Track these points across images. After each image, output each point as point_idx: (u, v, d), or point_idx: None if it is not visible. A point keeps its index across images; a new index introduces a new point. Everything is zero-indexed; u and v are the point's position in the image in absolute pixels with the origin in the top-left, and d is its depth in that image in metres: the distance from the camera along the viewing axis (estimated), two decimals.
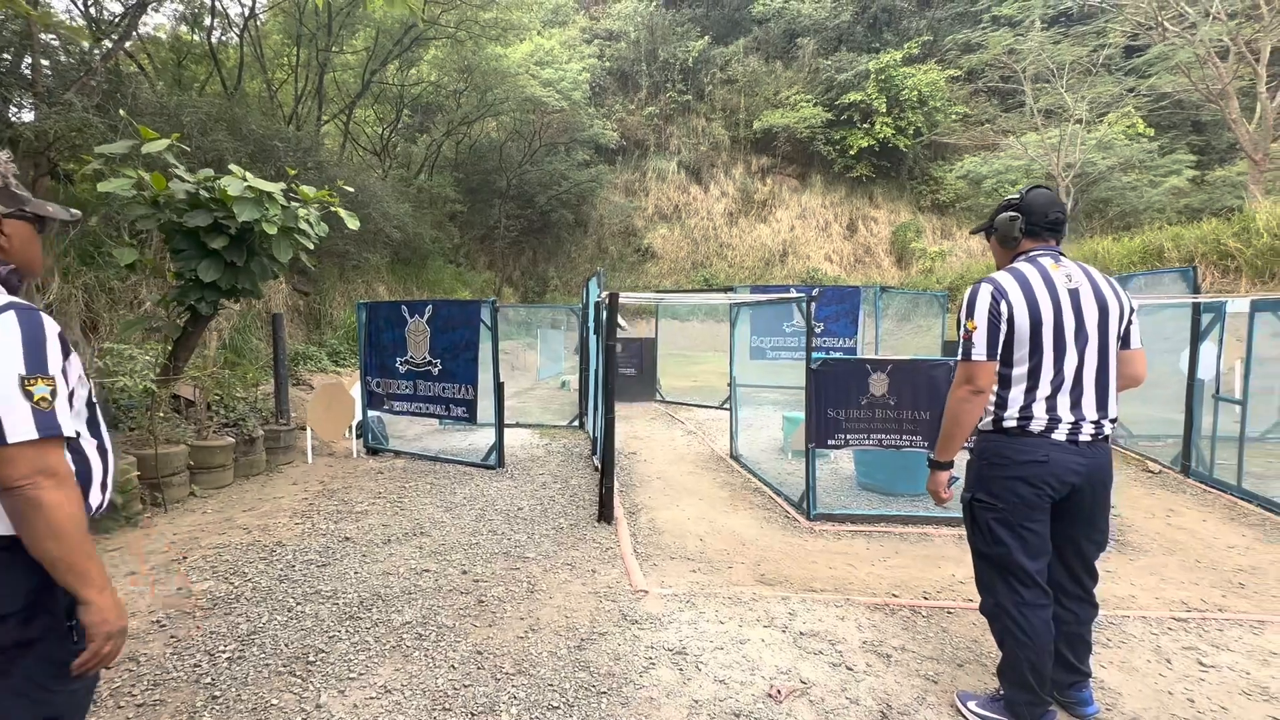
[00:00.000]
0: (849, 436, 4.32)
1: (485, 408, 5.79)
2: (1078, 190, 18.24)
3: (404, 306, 6.06)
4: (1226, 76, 12.85)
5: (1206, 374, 5.39)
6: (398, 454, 6.17)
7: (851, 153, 24.20)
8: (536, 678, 2.41)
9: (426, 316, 5.87)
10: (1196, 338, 5.35)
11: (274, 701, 2.25)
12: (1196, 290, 5.54)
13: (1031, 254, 2.09)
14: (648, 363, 10.05)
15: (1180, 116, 19.68)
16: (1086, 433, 2.02)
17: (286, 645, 2.62)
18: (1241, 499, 4.77)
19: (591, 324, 6.44)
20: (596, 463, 5.41)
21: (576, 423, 7.75)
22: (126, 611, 1.37)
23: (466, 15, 14.64)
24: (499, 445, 5.67)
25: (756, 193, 26.19)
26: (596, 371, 5.96)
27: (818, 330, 8.56)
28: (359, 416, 6.26)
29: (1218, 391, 5.31)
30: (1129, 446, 6.30)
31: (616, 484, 5.18)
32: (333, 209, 5.32)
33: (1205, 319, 5.36)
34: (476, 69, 16.71)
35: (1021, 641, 2.04)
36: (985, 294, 2.02)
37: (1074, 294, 2.01)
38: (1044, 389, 2.01)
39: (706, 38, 26.83)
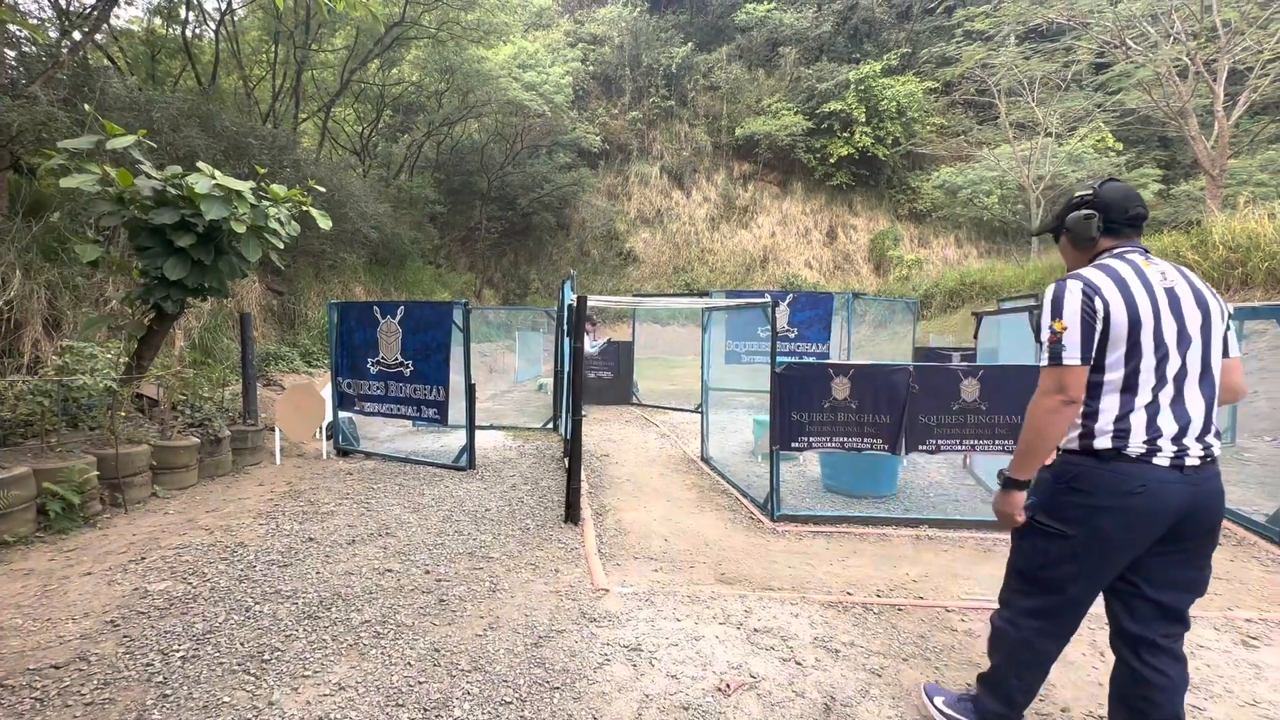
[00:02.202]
0: (812, 439, 4.41)
1: (458, 409, 5.80)
2: (1048, 202, 18.72)
3: (376, 307, 6.05)
4: (1186, 95, 13.31)
5: None
6: (368, 455, 6.15)
7: (832, 161, 24.57)
8: (492, 674, 2.44)
9: (398, 317, 5.87)
10: None
11: (226, 699, 2.25)
12: None
13: (1116, 251, 1.85)
14: (625, 366, 10.11)
15: (1147, 132, 20.30)
16: (1194, 454, 1.73)
17: (242, 644, 2.62)
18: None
19: (564, 326, 6.48)
20: (566, 464, 5.45)
21: (551, 425, 7.77)
22: None
23: (448, 16, 14.64)
24: (469, 447, 5.68)
25: (738, 199, 26.45)
26: (567, 373, 6.01)
27: (792, 335, 8.69)
28: (329, 417, 6.23)
29: None
30: None
31: (587, 486, 5.23)
32: (305, 208, 5.30)
33: None
34: (458, 70, 16.69)
35: (1023, 662, 1.93)
36: (1075, 290, 1.76)
37: (1171, 293, 1.76)
38: (1143, 397, 1.73)
39: (690, 44, 27.07)
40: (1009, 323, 5.81)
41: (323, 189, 6.19)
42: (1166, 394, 1.74)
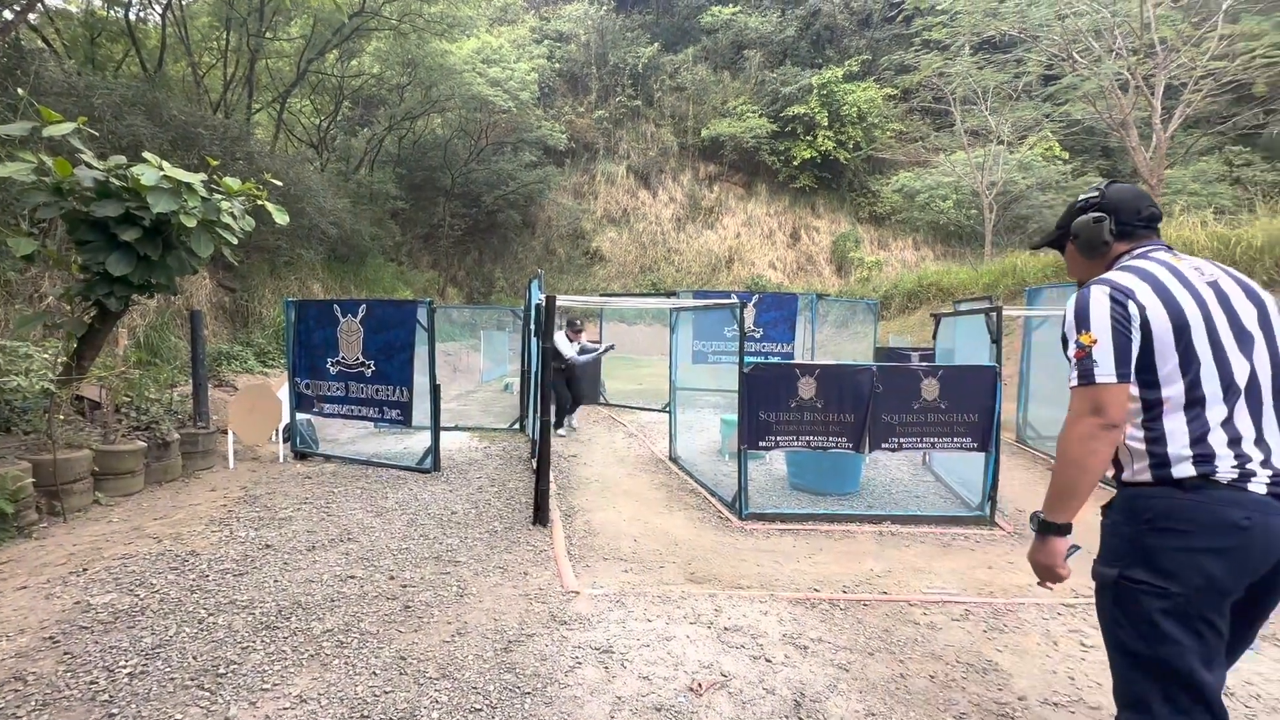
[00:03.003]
0: (779, 438, 4.48)
1: (422, 410, 5.67)
2: (1000, 207, 19.44)
3: (336, 305, 5.87)
4: (1127, 107, 14.00)
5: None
6: (328, 458, 5.97)
7: (795, 163, 24.97)
8: (460, 681, 2.40)
9: (360, 316, 5.71)
10: None
11: (179, 716, 2.15)
12: None
13: (1139, 252, 1.62)
14: (592, 365, 10.05)
15: (1091, 142, 21.28)
16: None
17: (195, 658, 2.50)
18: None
19: (532, 326, 6.41)
20: (534, 465, 5.39)
21: (517, 426, 7.69)
22: None
23: (410, 8, 14.32)
24: (434, 448, 5.57)
25: (704, 199, 26.65)
26: (535, 373, 5.95)
27: (757, 335, 8.80)
28: (286, 419, 6.02)
29: None
30: (1037, 447, 6.77)
31: (554, 486, 5.19)
32: (260, 202, 5.11)
33: None
34: (421, 64, 16.36)
35: None
36: (1101, 296, 1.51)
37: (1216, 288, 1.51)
38: (1216, 412, 1.45)
39: (656, 45, 27.13)
40: (965, 323, 6.01)
41: (279, 183, 5.96)
42: (1244, 408, 1.45)
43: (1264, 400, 1.46)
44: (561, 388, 7.16)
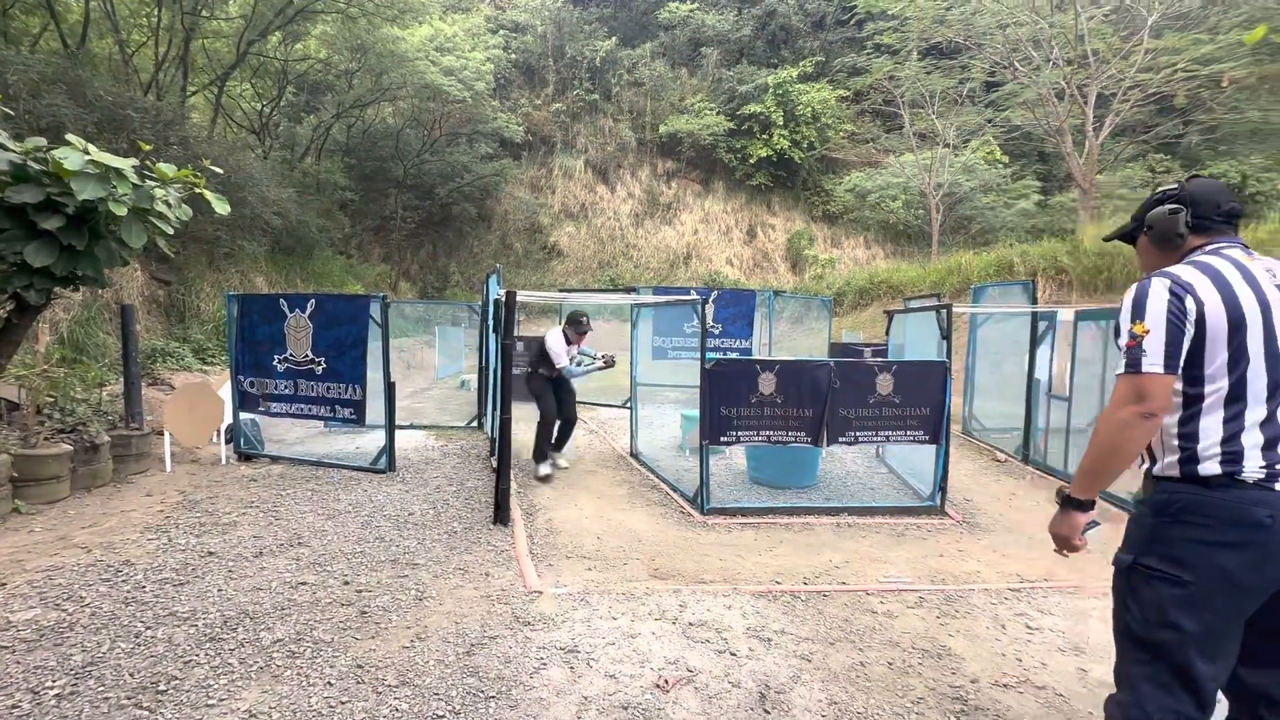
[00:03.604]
0: (740, 433, 4.53)
1: (376, 409, 5.49)
2: (946, 208, 20.19)
3: (283, 300, 5.62)
4: (1063, 115, 14.75)
5: (1042, 374, 6.17)
6: (275, 459, 5.71)
7: (751, 161, 25.28)
8: (421, 688, 2.33)
9: (309, 311, 5.47)
10: (1034, 342, 6.11)
11: None
12: (1034, 301, 6.32)
13: (1211, 248, 1.61)
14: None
15: (1029, 147, 22.30)
16: None
17: (132, 675, 2.35)
18: (1067, 483, 5.50)
19: (491, 322, 6.29)
20: (494, 464, 5.30)
21: (475, 423, 7.54)
22: None
23: None
24: (389, 448, 5.40)
25: (662, 195, 26.70)
26: (495, 370, 5.84)
27: (716, 331, 8.88)
28: (229, 419, 5.73)
29: (1050, 390, 6.09)
30: (981, 438, 7.07)
31: (514, 485, 5.10)
32: (197, 190, 4.82)
33: (1041, 326, 6.13)
34: (371, 50, 15.78)
35: None
36: (1160, 289, 1.52)
37: None
38: (1256, 413, 1.48)
39: (614, 39, 26.98)
40: (915, 320, 6.22)
41: (218, 170, 5.65)
42: None
43: None
44: (548, 399, 5.47)
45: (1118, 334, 1.59)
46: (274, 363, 5.61)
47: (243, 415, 5.79)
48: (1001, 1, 14.98)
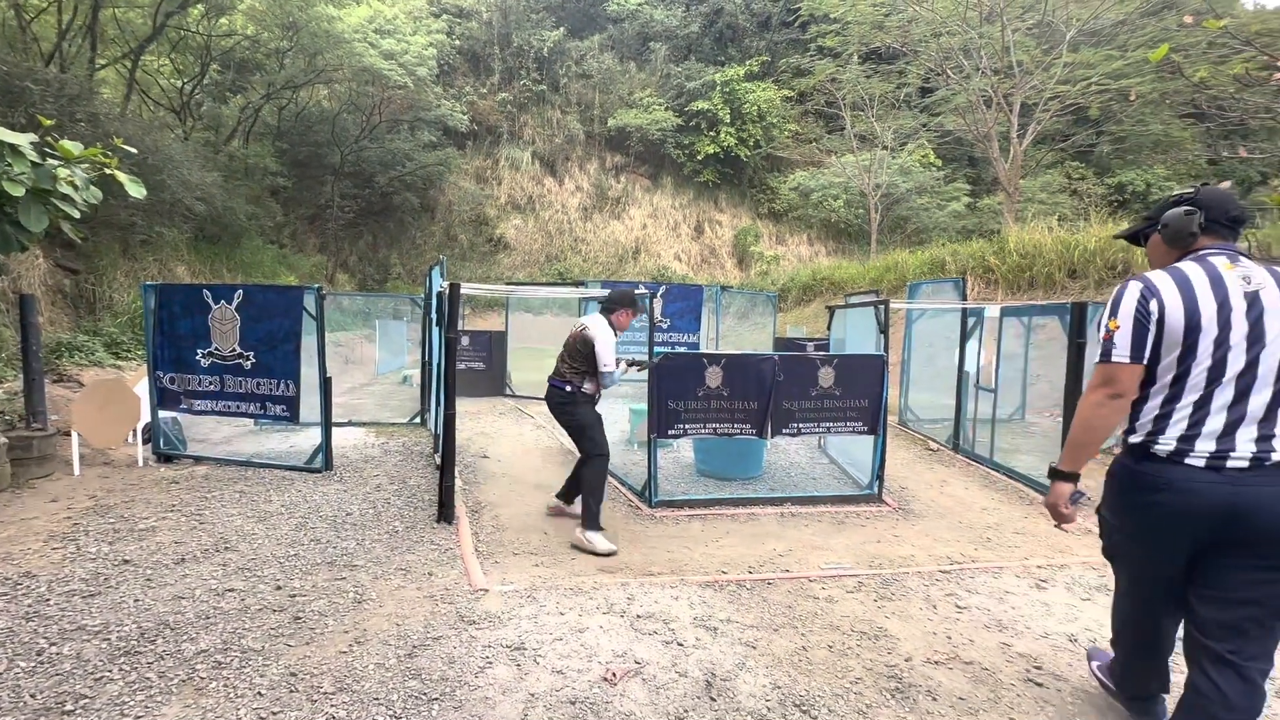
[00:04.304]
0: (687, 426, 4.57)
1: (311, 405, 5.25)
2: (884, 208, 20.98)
3: (206, 291, 5.29)
4: (990, 122, 15.56)
5: (971, 367, 6.51)
6: (199, 460, 5.38)
7: (699, 158, 25.51)
8: (360, 693, 2.25)
9: (236, 303, 5.17)
10: (964, 337, 6.43)
11: None
12: (964, 298, 6.65)
13: (1200, 253, 1.83)
14: (497, 356, 9.78)
15: (960, 151, 23.43)
16: (1242, 455, 1.70)
17: (33, 696, 2.17)
18: (993, 470, 5.83)
19: (434, 315, 6.11)
20: (438, 460, 5.16)
21: (418, 420, 7.33)
22: None
23: None
24: (325, 446, 5.18)
25: (610, 189, 26.61)
26: (438, 365, 5.68)
27: (664, 326, 8.94)
28: (146, 418, 5.35)
29: (978, 382, 6.43)
30: (916, 428, 7.41)
31: (460, 482, 4.99)
32: (108, 171, 4.46)
33: (970, 322, 6.46)
34: (304, 28, 15.00)
35: (1120, 632, 2.07)
36: (1133, 290, 1.80)
37: (1251, 297, 1.72)
38: (1190, 398, 1.74)
39: (562, 29, 26.63)
40: (855, 315, 6.44)
41: (132, 150, 5.25)
42: (1222, 396, 1.72)
43: (1251, 396, 1.71)
44: (601, 428, 4.01)
45: (1100, 328, 1.87)
46: (197, 358, 5.27)
47: (162, 414, 5.42)
48: (935, 10, 15.64)
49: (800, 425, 4.73)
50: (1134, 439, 1.84)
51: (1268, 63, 3.08)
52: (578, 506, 4.07)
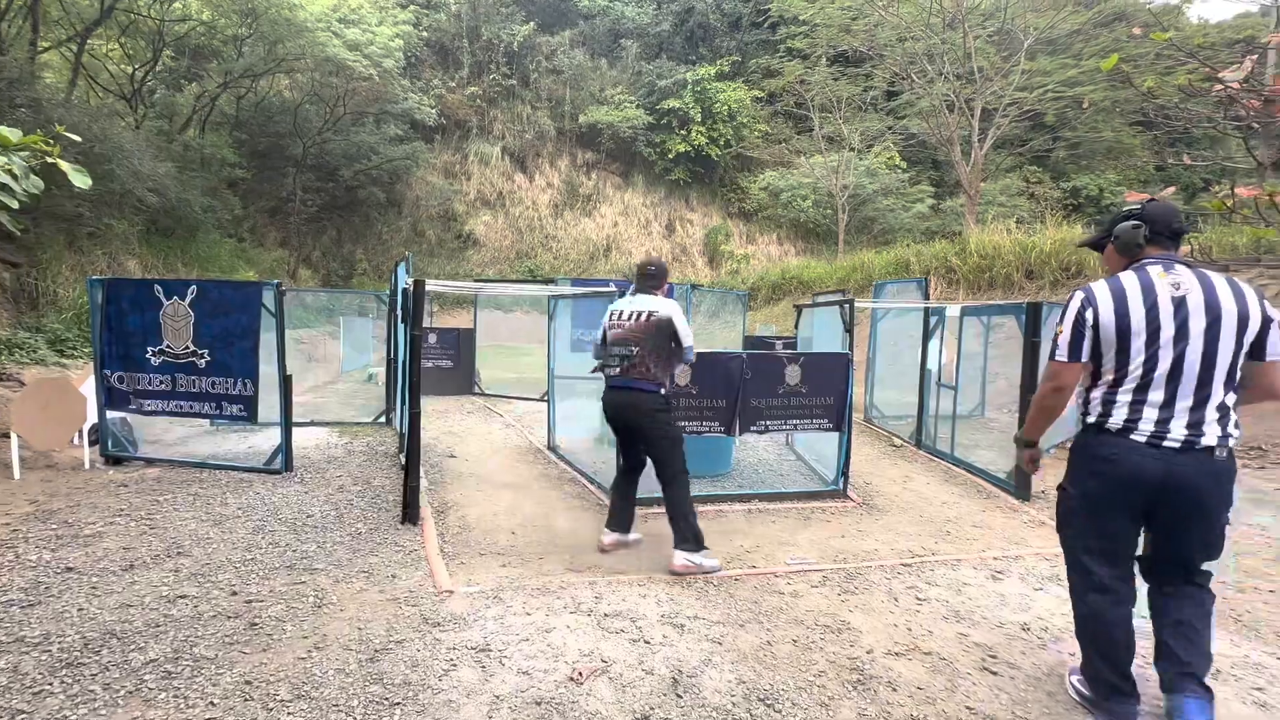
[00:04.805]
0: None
1: (271, 404, 5.10)
2: (851, 208, 21.35)
3: (158, 285, 5.08)
4: (952, 125, 15.96)
5: (933, 365, 6.68)
6: (150, 462, 5.18)
7: (670, 156, 25.60)
8: (319, 700, 2.19)
9: (190, 299, 4.98)
10: (926, 336, 6.59)
11: None
12: (927, 297, 6.81)
13: (1141, 263, 2.13)
14: (466, 354, 9.66)
15: (924, 154, 24.01)
16: (1175, 436, 2.00)
17: None
18: (954, 465, 6.00)
19: (399, 312, 6.00)
20: (403, 460, 5.07)
21: (383, 419, 7.19)
22: None
23: None
24: (285, 446, 5.03)
25: (581, 186, 26.50)
26: (403, 363, 5.58)
27: None
28: (93, 419, 5.13)
29: (939, 379, 6.60)
30: (881, 425, 7.57)
31: (426, 482, 4.91)
32: (51, 159, 4.25)
33: (933, 321, 6.62)
34: (264, 15, 14.55)
35: (1084, 627, 2.22)
36: (1075, 301, 2.15)
37: (1178, 301, 2.01)
38: (1131, 385, 2.06)
39: (532, 24, 26.39)
40: (822, 314, 6.54)
41: (76, 138, 5.01)
42: (1157, 385, 2.03)
43: (1181, 386, 2.02)
44: (682, 443, 3.56)
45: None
46: (148, 355, 5.07)
47: (111, 414, 5.20)
48: (901, 15, 15.97)
49: (768, 423, 4.78)
50: (1090, 419, 2.17)
51: (1209, 74, 3.23)
52: (635, 533, 3.76)
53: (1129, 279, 2.10)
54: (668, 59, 26.49)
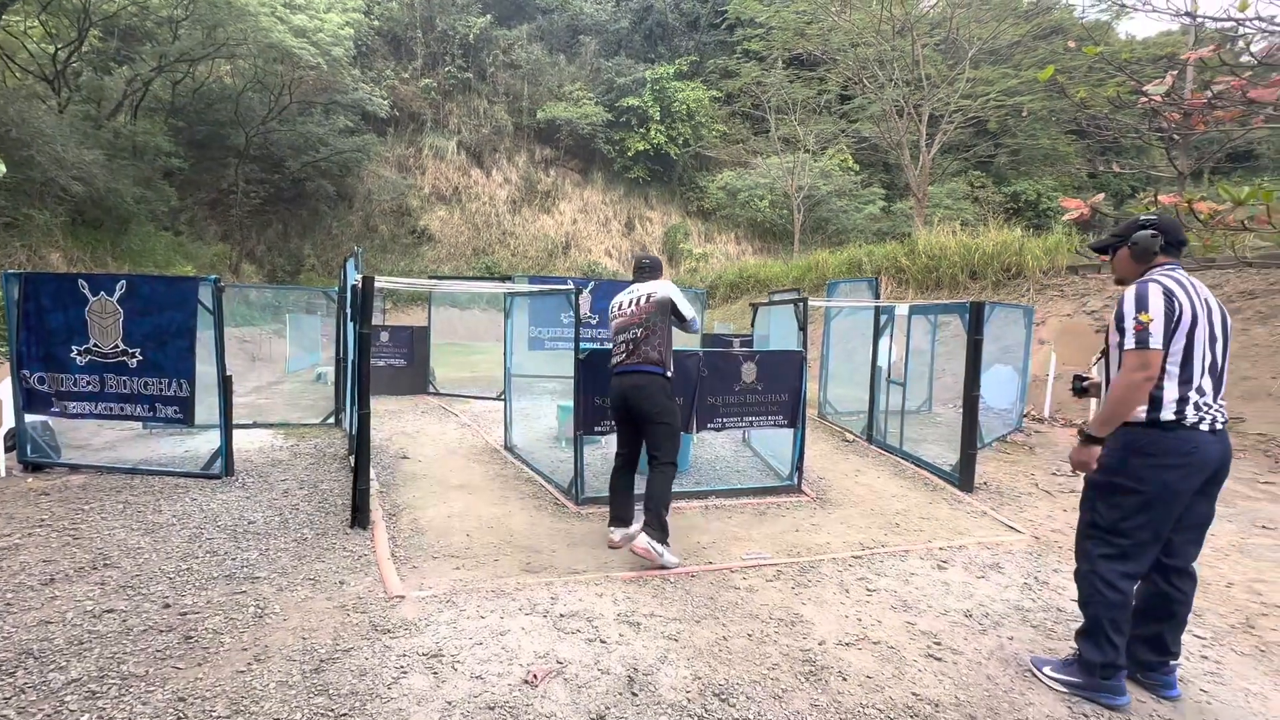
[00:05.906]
0: (613, 423, 4.56)
1: (210, 406, 4.86)
2: (806, 209, 21.80)
3: (83, 280, 4.77)
4: (902, 130, 16.47)
5: (884, 362, 6.87)
6: (75, 468, 4.86)
7: (629, 154, 25.59)
8: (259, 715, 2.10)
9: (118, 295, 4.70)
10: (877, 333, 6.78)
11: None
12: (878, 296, 7.01)
13: (1168, 267, 2.31)
14: (420, 353, 9.42)
15: (875, 158, 24.71)
16: (1219, 422, 2.27)
17: None
18: (903, 459, 6.19)
19: (349, 310, 5.80)
20: (353, 462, 4.91)
21: (332, 420, 6.94)
22: None
23: None
24: (225, 449, 4.80)
25: (540, 183, 26.23)
26: (353, 362, 5.40)
27: (594, 322, 8.89)
28: (10, 423, 4.78)
29: (889, 376, 6.80)
30: (835, 421, 7.76)
31: (377, 485, 4.78)
32: None
33: (883, 319, 6.82)
34: None
35: (1111, 604, 2.31)
36: (1158, 291, 2.22)
37: (1208, 302, 2.27)
38: (1196, 382, 2.23)
39: (489, 16, 25.93)
40: (777, 312, 6.65)
41: None
42: (1207, 377, 2.25)
43: (1219, 378, 2.28)
44: (675, 418, 3.73)
45: (1120, 320, 2.27)
46: (72, 355, 4.75)
47: (30, 418, 4.86)
48: (853, 21, 16.37)
49: (724, 420, 4.83)
50: (1166, 415, 2.24)
51: (1135, 88, 3.42)
52: (638, 524, 3.58)
53: (1181, 276, 2.28)
54: (627, 56, 26.47)
